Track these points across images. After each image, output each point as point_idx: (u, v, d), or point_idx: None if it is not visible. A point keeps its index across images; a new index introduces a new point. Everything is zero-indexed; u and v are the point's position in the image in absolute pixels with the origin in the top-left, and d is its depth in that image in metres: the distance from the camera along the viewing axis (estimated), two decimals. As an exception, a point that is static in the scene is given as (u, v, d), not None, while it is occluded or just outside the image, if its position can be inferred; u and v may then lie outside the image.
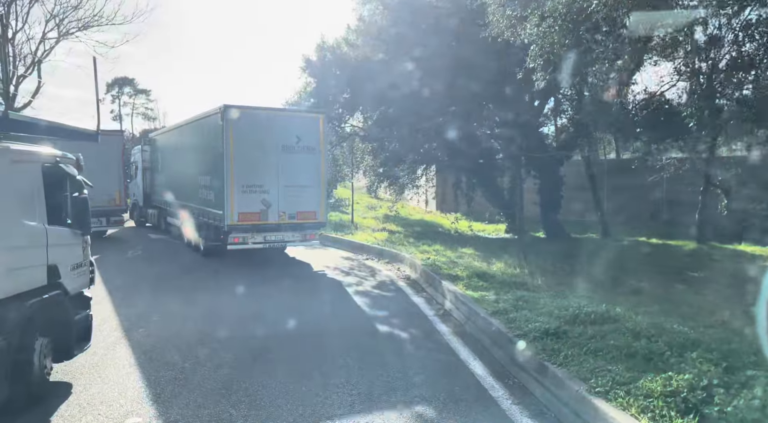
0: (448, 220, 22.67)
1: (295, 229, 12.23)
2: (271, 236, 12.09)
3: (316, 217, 12.37)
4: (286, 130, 11.90)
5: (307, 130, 12.16)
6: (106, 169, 17.08)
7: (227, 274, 11.51)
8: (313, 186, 12.25)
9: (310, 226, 12.42)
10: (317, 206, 12.35)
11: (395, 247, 13.77)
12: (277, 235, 12.16)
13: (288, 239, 12.43)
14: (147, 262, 13.28)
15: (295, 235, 12.36)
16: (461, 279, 9.54)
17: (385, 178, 19.75)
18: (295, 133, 11.95)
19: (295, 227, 12.17)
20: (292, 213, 11.95)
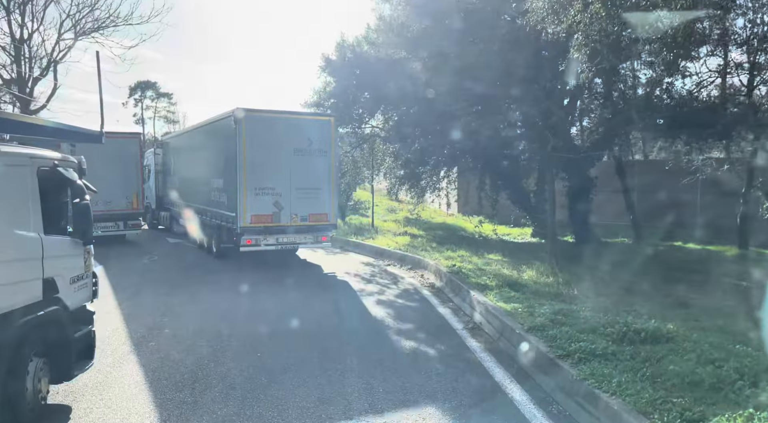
0: (471, 223, 22.00)
1: (306, 231, 12.38)
2: (283, 238, 12.19)
3: (328, 219, 12.54)
4: (298, 133, 12.06)
5: (318, 133, 12.32)
6: (124, 172, 16.89)
7: (243, 281, 11.06)
8: (324, 188, 12.41)
9: (321, 228, 12.56)
10: (328, 208, 12.51)
11: (418, 253, 13.18)
12: (289, 237, 12.27)
13: (300, 241, 12.54)
14: (159, 267, 12.92)
15: (307, 237, 12.48)
16: (490, 288, 8.92)
17: (406, 180, 19.16)
18: (307, 136, 12.10)
19: (307, 229, 12.34)
20: (304, 215, 12.13)
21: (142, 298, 9.37)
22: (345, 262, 13.74)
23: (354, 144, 18.24)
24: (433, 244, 14.80)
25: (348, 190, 21.49)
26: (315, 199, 12.27)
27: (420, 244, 14.89)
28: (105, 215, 16.57)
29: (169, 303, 8.98)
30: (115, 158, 16.72)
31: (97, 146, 15.87)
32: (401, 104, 14.89)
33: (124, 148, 16.93)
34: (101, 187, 16.71)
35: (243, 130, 11.53)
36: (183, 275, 11.72)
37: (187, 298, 9.36)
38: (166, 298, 9.30)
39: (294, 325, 7.83)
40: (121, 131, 17.54)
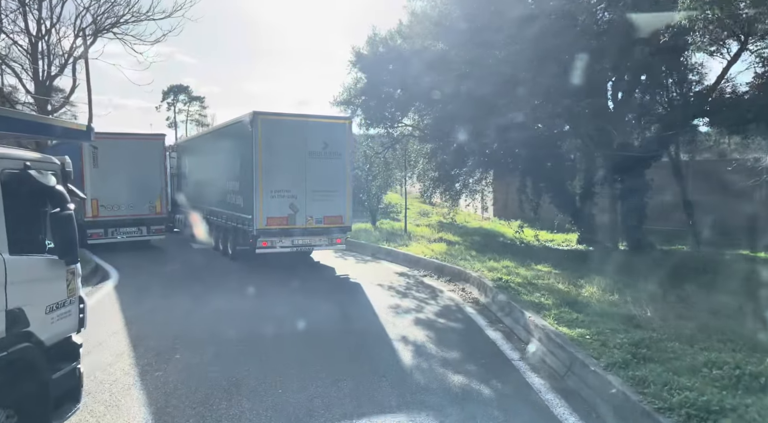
0: (510, 228, 20.67)
1: (322, 234, 12.49)
2: (298, 240, 12.29)
3: (343, 221, 12.67)
4: (314, 136, 12.15)
5: (334, 136, 12.38)
6: (147, 175, 16.27)
7: (263, 294, 10.12)
8: (339, 191, 12.52)
9: (336, 230, 12.68)
10: (343, 211, 12.64)
11: (457, 263, 12.01)
12: (305, 239, 12.38)
13: (315, 243, 12.61)
14: (177, 276, 12.13)
15: (322, 239, 12.58)
16: (547, 308, 7.71)
17: (441, 182, 17.99)
18: (323, 139, 12.19)
19: (322, 231, 12.45)
20: (319, 217, 12.26)
21: (154, 315, 8.50)
22: (377, 271, 12.67)
23: (386, 144, 17.17)
24: (472, 252, 13.59)
25: (379, 193, 20.43)
26: (330, 201, 12.35)
27: (458, 252, 13.70)
28: (128, 220, 16.00)
29: (184, 321, 8.07)
30: (138, 160, 16.12)
31: (119, 148, 15.28)
32: (437, 101, 13.75)
33: (148, 150, 16.31)
34: (124, 191, 16.22)
35: (259, 132, 11.60)
36: (201, 289, 10.84)
37: (204, 317, 8.44)
38: (180, 315, 8.41)
39: (320, 351, 6.79)
40: (144, 132, 16.93)
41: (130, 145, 16.06)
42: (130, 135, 17.01)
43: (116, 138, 16.37)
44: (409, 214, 28.52)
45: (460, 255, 13.05)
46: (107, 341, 7.10)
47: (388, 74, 14.50)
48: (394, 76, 14.33)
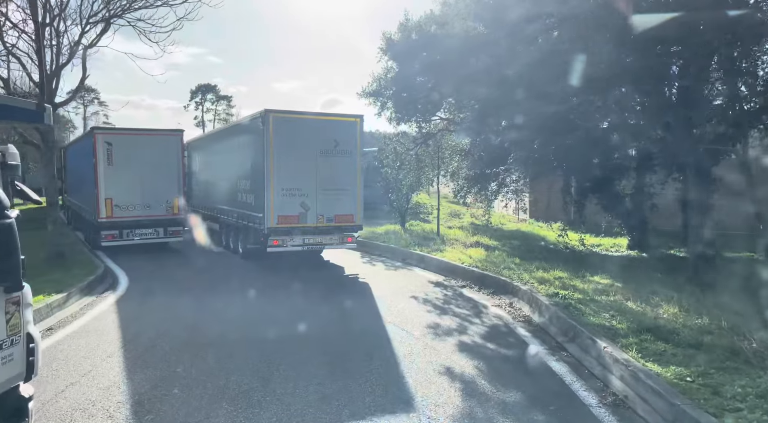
0: (551, 231, 19.15)
1: (333, 232, 12.43)
2: (309, 239, 12.26)
3: (354, 219, 12.61)
4: (325, 135, 12.09)
5: (344, 134, 12.30)
6: (164, 174, 15.35)
7: (279, 306, 8.97)
8: (350, 189, 12.47)
9: (347, 229, 12.62)
10: (354, 209, 12.58)
11: (501, 272, 10.64)
12: (316, 238, 12.34)
13: (326, 242, 12.54)
14: (187, 282, 11.08)
15: (333, 237, 12.51)
16: (623, 335, 6.32)
17: (477, 182, 16.60)
18: (334, 138, 12.13)
19: (333, 230, 12.40)
20: (330, 216, 12.24)
21: (157, 332, 7.41)
22: (409, 280, 11.39)
23: (418, 140, 15.85)
24: (515, 259, 12.19)
25: (408, 194, 19.14)
26: (341, 199, 12.33)
27: (499, 258, 12.32)
28: (144, 221, 15.12)
29: (187, 343, 6.95)
30: (155, 158, 15.21)
31: (135, 145, 14.31)
32: (477, 91, 12.38)
33: (164, 147, 15.38)
34: (139, 190, 15.28)
35: (270, 130, 11.54)
36: (213, 295, 9.75)
37: (211, 339, 7.30)
38: (184, 336, 7.29)
39: (347, 384, 5.56)
40: (161, 129, 16.02)
41: (146, 142, 15.16)
42: (146, 131, 16.15)
43: (131, 134, 15.55)
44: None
45: (502, 263, 11.66)
46: (98, 368, 6.01)
47: (422, 63, 13.17)
48: (428, 64, 13.01)
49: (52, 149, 11.76)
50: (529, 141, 12.60)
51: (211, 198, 16.64)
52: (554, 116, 10.62)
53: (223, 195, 15.24)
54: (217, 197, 15.94)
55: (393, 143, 16.49)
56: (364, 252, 15.60)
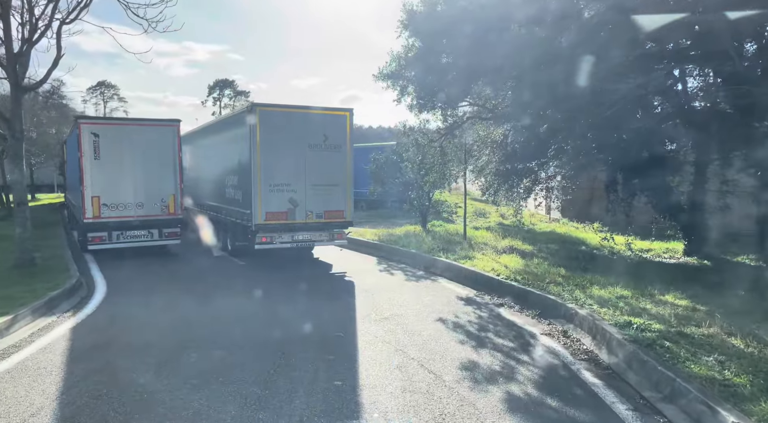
0: (591, 233, 17.16)
1: (322, 229, 12.16)
2: (298, 236, 11.97)
3: (344, 215, 12.30)
4: (313, 129, 11.84)
5: (334, 128, 12.02)
6: (159, 169, 13.78)
7: (278, 327, 7.24)
8: (339, 185, 12.17)
9: (337, 226, 12.34)
10: (344, 205, 12.28)
11: (547, 288, 8.75)
12: (305, 235, 12.05)
13: (316, 239, 12.26)
14: (170, 293, 9.43)
15: (323, 234, 12.24)
16: (750, 398, 4.42)
17: (508, 177, 14.67)
18: (322, 132, 11.88)
19: (323, 226, 12.14)
20: (319, 212, 11.99)
21: (113, 368, 5.72)
22: (434, 294, 9.56)
23: (443, 130, 13.93)
24: (559, 269, 10.28)
25: (430, 191, 17.28)
26: (330, 195, 12.05)
27: (540, 268, 10.41)
28: (136, 222, 13.57)
29: (149, 392, 5.23)
30: (148, 151, 13.64)
31: (125, 136, 12.59)
32: (508, 77, 10.47)
33: (159, 139, 13.78)
34: (130, 187, 13.56)
35: (257, 125, 11.28)
36: (205, 322, 8.06)
37: (184, 393, 5.58)
38: (147, 379, 5.58)
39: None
40: (155, 118, 14.42)
41: (137, 133, 13.57)
42: (138, 120, 14.57)
43: (121, 124, 14.00)
44: (461, 212, 25.24)
45: (546, 274, 9.76)
46: None
47: (449, 38, 11.22)
48: (456, 40, 11.05)
49: (19, 140, 10.18)
50: (576, 130, 10.64)
51: (201, 194, 16.31)
52: (612, 99, 8.65)
53: (213, 191, 14.97)
54: (207, 193, 15.67)
55: (415, 133, 14.56)
56: (381, 257, 13.81)
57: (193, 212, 16.96)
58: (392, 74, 12.79)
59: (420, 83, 12.23)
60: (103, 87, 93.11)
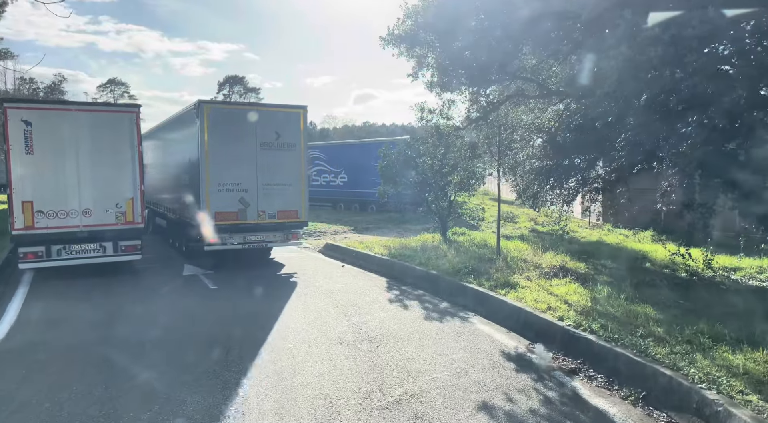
0: (646, 242, 14.06)
1: (276, 229, 11.86)
2: (251, 236, 11.64)
3: (298, 215, 12.04)
4: (265, 127, 11.50)
5: (287, 126, 11.69)
6: (112, 167, 10.94)
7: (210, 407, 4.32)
8: (294, 184, 11.87)
9: (291, 226, 12.05)
10: (299, 205, 12.00)
11: (645, 347, 5.67)
12: (258, 236, 11.72)
13: (269, 239, 11.91)
14: (97, 332, 6.58)
15: (277, 235, 11.93)
16: None
17: (550, 176, 11.62)
18: (275, 130, 11.56)
19: (276, 227, 11.84)
20: (272, 212, 11.70)
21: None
22: (469, 348, 6.55)
23: (475, 114, 10.77)
24: (644, 306, 7.21)
25: (453, 192, 14.24)
26: (284, 195, 11.76)
27: (615, 305, 7.35)
28: (83, 233, 10.73)
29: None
30: (97, 145, 10.80)
31: (68, 125, 7.90)
32: (585, 29, 7.39)
33: (112, 128, 10.91)
34: (74, 190, 9.71)
35: (205, 123, 10.97)
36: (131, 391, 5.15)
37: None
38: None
39: None
40: (107, 102, 11.54)
41: (84, 121, 10.72)
42: (85, 105, 11.73)
43: (62, 109, 11.07)
44: (486, 217, 22.15)
45: (631, 317, 6.69)
46: None
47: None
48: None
49: None
50: (653, 113, 7.53)
51: (157, 194, 15.78)
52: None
53: (167, 190, 14.65)
54: (161, 193, 15.32)
55: (436, 118, 11.42)
56: (392, 279, 10.83)
57: (155, 212, 16.59)
58: (405, 37, 9.63)
59: (444, 49, 9.11)
60: (113, 84, 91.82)
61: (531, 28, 7.55)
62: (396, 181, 14.84)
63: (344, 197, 26.80)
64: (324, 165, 28.19)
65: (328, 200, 27.81)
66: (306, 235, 17.71)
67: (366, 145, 26.80)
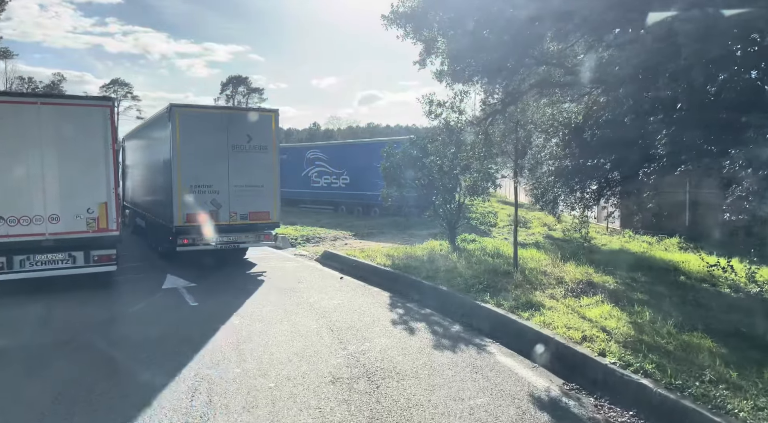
0: (672, 250, 12.81)
1: (248, 230, 11.93)
2: (222, 237, 11.59)
3: (270, 217, 12.09)
4: (237, 130, 11.64)
5: (258, 129, 11.82)
6: (82, 167, 9.83)
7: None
8: (265, 186, 11.96)
9: (263, 227, 12.08)
10: (270, 206, 12.06)
11: (716, 397, 4.45)
12: (230, 236, 11.70)
13: (241, 240, 11.94)
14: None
15: (249, 235, 11.97)
16: None
17: (572, 177, 10.40)
18: (246, 132, 11.69)
19: (248, 228, 11.92)
20: (243, 213, 11.78)
21: None
22: (490, 391, 5.32)
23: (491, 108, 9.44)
24: (701, 338, 5.97)
25: (464, 196, 13.01)
26: (255, 196, 11.82)
27: (663, 333, 6.11)
28: (48, 242, 9.60)
29: None
30: (65, 143, 9.65)
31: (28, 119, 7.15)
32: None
33: (82, 125, 9.77)
34: (38, 193, 6.64)
35: (177, 126, 11.10)
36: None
37: None
38: None
39: None
40: (75, 94, 10.38)
41: (50, 116, 9.56)
42: (49, 97, 10.55)
43: (22, 102, 9.85)
44: (498, 221, 20.90)
45: (692, 356, 5.45)
46: None
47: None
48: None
49: None
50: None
51: (135, 195, 16.35)
52: None
53: (144, 192, 15.05)
54: (139, 194, 15.84)
55: (446, 110, 10.10)
56: (395, 294, 9.61)
57: (133, 212, 16.88)
58: (412, 15, 8.34)
59: (458, 30, 7.81)
60: (116, 85, 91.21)
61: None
62: (400, 183, 13.63)
63: (346, 200, 25.59)
64: (325, 166, 26.97)
65: (330, 203, 26.61)
66: (303, 241, 16.51)
67: (369, 144, 25.53)
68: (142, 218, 15.38)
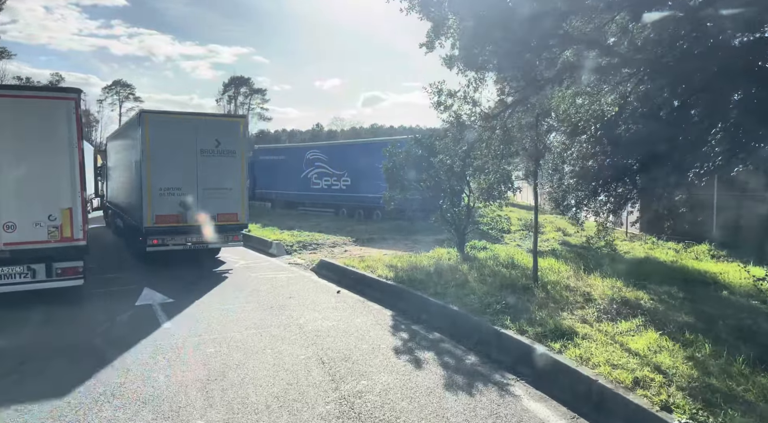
0: (708, 260, 11.55)
1: (216, 231, 12.15)
2: (192, 238, 11.97)
3: (238, 218, 12.46)
4: (205, 135, 12.02)
5: (226, 134, 12.22)
6: (42, 168, 8.65)
7: None
8: (233, 189, 12.36)
9: (231, 228, 12.45)
10: (238, 208, 12.43)
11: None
12: (198, 237, 12.02)
13: (210, 241, 12.17)
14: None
15: (218, 236, 12.22)
16: None
17: (598, 181, 9.17)
18: (215, 137, 12.06)
19: (217, 229, 12.15)
20: (212, 215, 12.05)
21: None
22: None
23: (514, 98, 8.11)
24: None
25: (475, 199, 11.78)
26: (223, 199, 12.20)
27: (735, 375, 4.89)
28: (2, 254, 8.44)
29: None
30: (21, 141, 8.48)
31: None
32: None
33: (41, 119, 8.60)
34: None
35: (146, 131, 11.52)
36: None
37: None
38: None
39: None
40: (33, 86, 9.20)
41: (2, 110, 8.39)
42: (5, 89, 9.32)
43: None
44: (511, 227, 19.65)
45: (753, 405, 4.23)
46: None
47: None
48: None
49: None
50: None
51: (114, 197, 17.19)
52: None
53: (120, 193, 15.69)
54: (116, 195, 16.59)
55: (458, 101, 8.77)
56: (398, 312, 8.39)
57: (114, 212, 17.31)
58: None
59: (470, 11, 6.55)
60: (119, 86, 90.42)
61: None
62: (403, 185, 12.43)
63: (347, 202, 24.37)
64: (325, 167, 25.76)
65: (330, 206, 25.42)
66: (300, 248, 15.32)
67: (371, 144, 24.24)
68: (121, 219, 15.74)
